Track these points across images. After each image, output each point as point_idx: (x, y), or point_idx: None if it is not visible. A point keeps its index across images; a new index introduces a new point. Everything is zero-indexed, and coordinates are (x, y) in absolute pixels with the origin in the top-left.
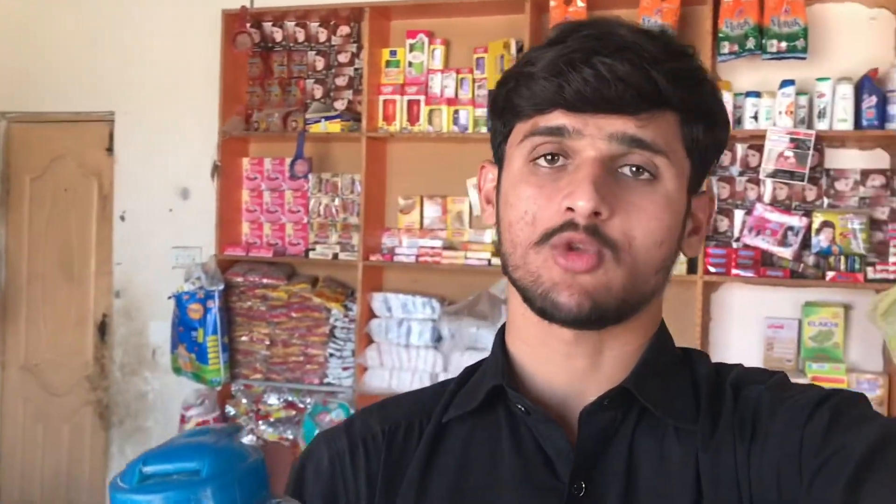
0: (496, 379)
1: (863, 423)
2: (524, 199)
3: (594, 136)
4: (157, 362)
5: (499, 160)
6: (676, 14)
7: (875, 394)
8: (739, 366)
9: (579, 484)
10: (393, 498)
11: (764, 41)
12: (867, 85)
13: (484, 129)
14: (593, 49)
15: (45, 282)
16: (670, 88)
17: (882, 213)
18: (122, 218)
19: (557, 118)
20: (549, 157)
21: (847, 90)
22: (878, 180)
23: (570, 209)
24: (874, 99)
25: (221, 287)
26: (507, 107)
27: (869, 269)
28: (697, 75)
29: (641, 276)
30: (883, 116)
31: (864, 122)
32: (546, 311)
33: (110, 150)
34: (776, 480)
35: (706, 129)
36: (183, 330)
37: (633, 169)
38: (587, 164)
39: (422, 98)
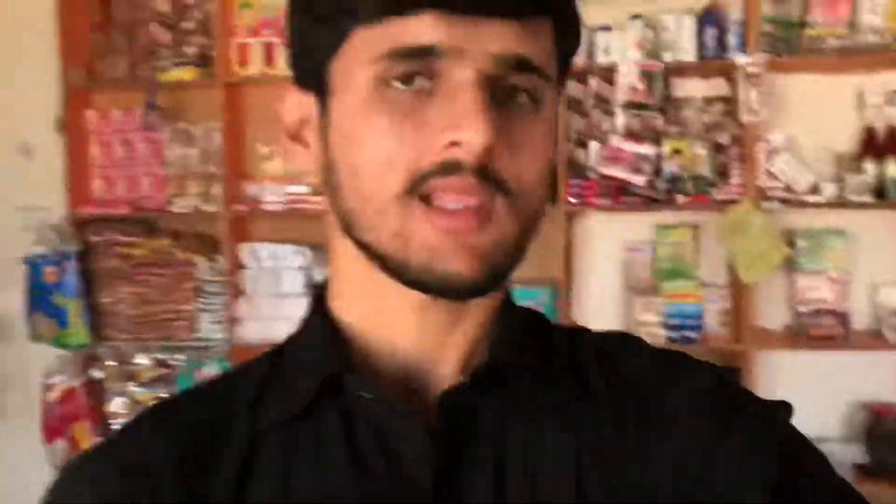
0: (328, 365)
1: (764, 419)
2: (377, 133)
3: (476, 54)
4: (9, 332)
5: (319, 82)
6: None
7: (722, 305)
8: (586, 329)
9: (442, 488)
10: None
11: None
12: (707, 17)
13: None
14: None
15: None
16: None
17: (724, 138)
18: None
19: (427, 27)
20: (404, 78)
21: (690, 22)
22: (719, 107)
23: (453, 144)
24: (714, 30)
25: (78, 248)
26: (338, 9)
27: (714, 190)
28: None
29: (530, 226)
30: (722, 46)
31: (706, 53)
32: (428, 284)
33: None
34: (673, 471)
35: (574, 44)
36: (39, 294)
37: (510, 91)
38: (470, 87)
39: (279, 40)
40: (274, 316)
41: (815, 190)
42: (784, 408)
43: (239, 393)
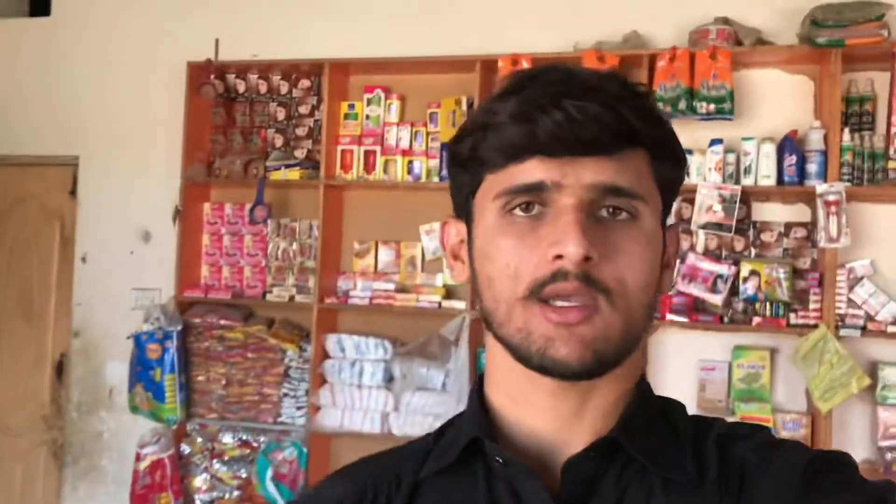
0: (473, 431)
1: (852, 488)
2: (504, 251)
3: (573, 186)
4: (113, 402)
5: (466, 213)
6: None
7: (799, 432)
8: (720, 420)
9: None
10: None
11: (694, 103)
12: (788, 145)
13: (436, 179)
14: (560, 92)
15: (3, 322)
16: (641, 126)
17: (804, 262)
18: (84, 260)
19: (534, 169)
20: (524, 206)
21: (770, 149)
22: (800, 232)
23: (558, 257)
24: (794, 158)
25: (180, 328)
26: (473, 158)
27: (792, 315)
28: (659, 114)
29: (635, 320)
30: (802, 174)
31: (786, 179)
32: (546, 368)
33: (73, 193)
34: None
35: (673, 166)
36: (141, 369)
37: (611, 210)
38: (570, 210)
39: (378, 149)
40: (352, 406)
41: None
42: (886, 485)
43: (414, 452)
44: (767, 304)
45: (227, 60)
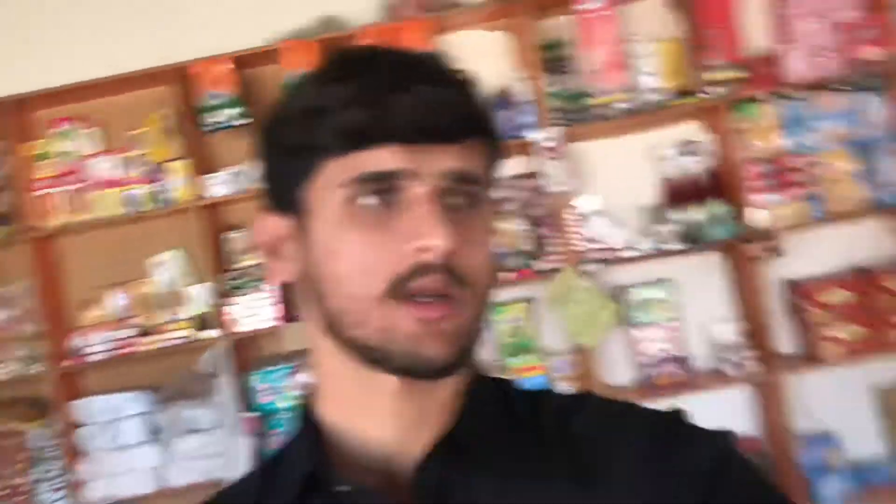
0: (306, 465)
1: (700, 442)
2: (355, 246)
3: (429, 174)
4: None
5: (292, 205)
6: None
7: (570, 371)
8: (550, 391)
9: None
10: None
11: None
12: (498, 102)
13: (158, 205)
14: (406, 76)
15: None
16: (481, 113)
17: (540, 211)
18: None
19: (386, 157)
20: (372, 196)
21: None
22: (530, 182)
23: (421, 250)
24: (508, 113)
25: None
26: (305, 145)
27: (536, 262)
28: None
29: (484, 309)
30: (518, 127)
31: (504, 135)
32: (410, 368)
33: None
34: None
35: (499, 150)
36: None
37: (457, 199)
38: (426, 200)
39: (84, 186)
40: (119, 471)
41: (631, 246)
42: (722, 435)
43: (248, 490)
44: (513, 258)
45: None
